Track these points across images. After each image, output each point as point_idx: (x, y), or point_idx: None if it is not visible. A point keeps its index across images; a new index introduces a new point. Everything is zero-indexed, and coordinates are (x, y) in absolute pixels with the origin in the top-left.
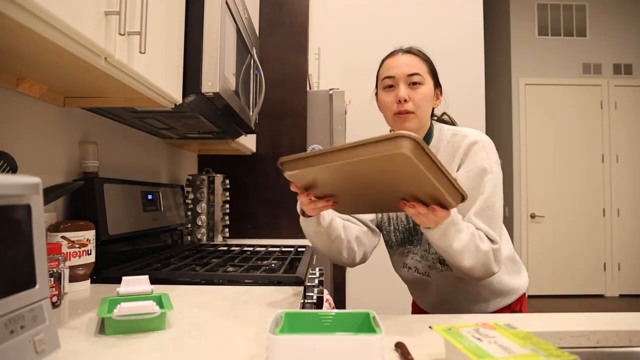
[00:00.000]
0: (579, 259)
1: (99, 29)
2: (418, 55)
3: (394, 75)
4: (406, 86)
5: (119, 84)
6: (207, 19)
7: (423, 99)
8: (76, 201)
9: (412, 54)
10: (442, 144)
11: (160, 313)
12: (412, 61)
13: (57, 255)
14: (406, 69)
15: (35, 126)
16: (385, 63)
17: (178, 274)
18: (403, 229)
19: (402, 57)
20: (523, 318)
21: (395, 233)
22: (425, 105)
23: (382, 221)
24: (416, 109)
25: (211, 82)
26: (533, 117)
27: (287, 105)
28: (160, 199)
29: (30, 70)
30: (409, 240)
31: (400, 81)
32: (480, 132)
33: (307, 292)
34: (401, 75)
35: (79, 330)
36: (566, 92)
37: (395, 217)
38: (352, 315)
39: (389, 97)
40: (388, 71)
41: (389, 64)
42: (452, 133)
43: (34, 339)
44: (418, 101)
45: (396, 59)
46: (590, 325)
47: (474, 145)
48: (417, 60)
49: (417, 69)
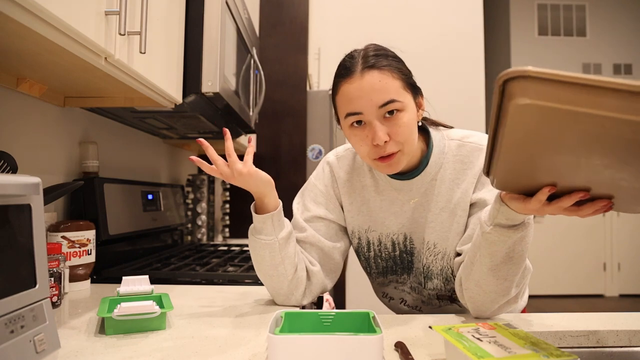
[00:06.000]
0: (578, 259)
1: (99, 29)
2: (386, 68)
3: (360, 111)
4: (381, 121)
5: (119, 84)
6: (207, 19)
7: (407, 131)
8: (76, 201)
9: (378, 69)
10: (448, 158)
11: (161, 313)
12: (380, 83)
13: (57, 255)
14: (376, 99)
15: (36, 126)
16: (343, 90)
17: (178, 274)
18: (386, 256)
19: (364, 78)
20: (523, 318)
21: (377, 260)
22: (411, 136)
23: (360, 246)
24: (402, 146)
25: (211, 82)
26: None
27: (287, 105)
28: (160, 199)
29: (30, 70)
30: (392, 270)
31: (371, 117)
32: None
33: None
34: (371, 109)
35: (79, 330)
36: None
37: (377, 243)
38: (352, 315)
39: (361, 138)
40: (350, 105)
41: (349, 92)
42: (458, 144)
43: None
44: (402, 136)
45: (357, 82)
46: (590, 325)
47: None
48: (387, 78)
49: (390, 94)
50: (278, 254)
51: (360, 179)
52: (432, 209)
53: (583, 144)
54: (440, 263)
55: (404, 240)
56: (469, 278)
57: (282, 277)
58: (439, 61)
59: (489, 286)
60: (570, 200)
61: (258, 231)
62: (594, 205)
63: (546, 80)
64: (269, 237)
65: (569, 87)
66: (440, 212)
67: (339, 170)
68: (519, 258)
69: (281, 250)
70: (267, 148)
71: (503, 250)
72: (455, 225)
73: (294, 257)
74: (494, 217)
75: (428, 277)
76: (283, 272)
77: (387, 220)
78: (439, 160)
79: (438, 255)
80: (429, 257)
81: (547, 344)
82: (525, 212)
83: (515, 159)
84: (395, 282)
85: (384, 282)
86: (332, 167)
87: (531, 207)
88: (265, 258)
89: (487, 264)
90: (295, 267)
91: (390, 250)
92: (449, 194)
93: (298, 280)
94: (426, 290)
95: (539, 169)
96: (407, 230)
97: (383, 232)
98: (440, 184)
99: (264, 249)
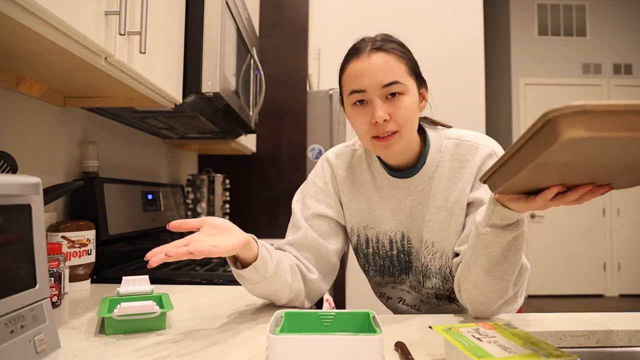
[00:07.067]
0: (578, 258)
1: (99, 29)
2: (393, 51)
3: (364, 89)
4: (383, 100)
5: (119, 84)
6: (207, 19)
7: (408, 113)
8: (76, 201)
9: (385, 51)
10: (445, 156)
11: (161, 313)
12: (386, 64)
13: (57, 255)
14: (380, 78)
15: (36, 126)
16: (350, 68)
17: (178, 274)
18: (384, 254)
19: (371, 58)
20: (523, 318)
21: (375, 257)
22: (411, 120)
23: (359, 243)
24: (400, 128)
25: (211, 82)
26: (533, 117)
27: (287, 105)
28: (160, 199)
29: (30, 70)
30: (389, 271)
31: (374, 95)
32: (486, 137)
33: None
34: (374, 88)
35: (79, 330)
36: (566, 92)
37: (375, 240)
38: (352, 315)
39: (361, 116)
40: (355, 82)
41: (355, 71)
42: (455, 142)
43: (34, 339)
44: (402, 117)
45: (364, 61)
46: (590, 325)
47: (490, 158)
48: (393, 60)
49: (394, 76)
50: (270, 286)
51: (359, 176)
52: (430, 207)
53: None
54: (439, 262)
55: (401, 239)
56: (466, 280)
57: (280, 297)
58: (439, 61)
59: (486, 287)
60: (576, 195)
61: (243, 277)
62: (596, 193)
63: (600, 113)
64: (256, 279)
65: (621, 115)
66: (438, 211)
67: (338, 168)
68: (514, 257)
69: (272, 283)
70: (267, 148)
71: (498, 250)
72: (453, 225)
73: (287, 280)
74: (488, 218)
75: (426, 275)
76: (279, 294)
77: (385, 218)
78: (436, 159)
79: (436, 254)
80: (427, 255)
81: (547, 344)
82: (527, 210)
83: (533, 178)
84: (392, 282)
85: (381, 283)
86: (331, 164)
87: (535, 206)
88: (258, 292)
89: (484, 265)
90: (290, 286)
91: (387, 249)
92: (447, 192)
93: (295, 293)
94: (425, 289)
95: (554, 180)
96: (405, 229)
97: (381, 230)
98: (438, 182)
99: (254, 287)
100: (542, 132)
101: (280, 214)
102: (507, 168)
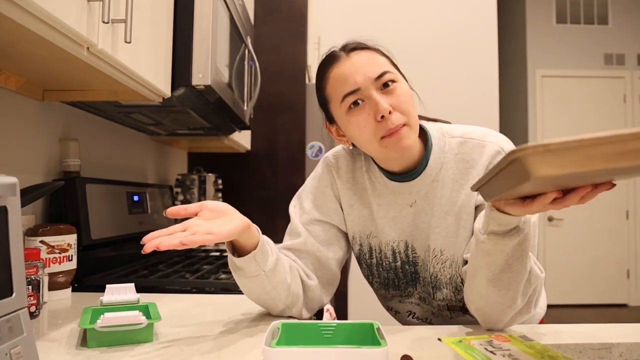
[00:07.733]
0: (600, 265)
1: (81, 17)
2: (370, 48)
3: (357, 87)
4: (379, 93)
5: (103, 76)
6: (198, 5)
7: (408, 100)
8: (56, 203)
9: (362, 49)
10: (449, 157)
11: (147, 324)
12: (369, 58)
13: (35, 261)
14: (369, 72)
15: (12, 122)
16: (332, 75)
17: (166, 282)
18: (387, 266)
19: (352, 58)
20: (539, 329)
21: (379, 269)
22: (412, 106)
23: (362, 253)
24: (407, 118)
25: (202, 74)
26: (550, 111)
27: (284, 98)
28: (147, 201)
29: (6, 61)
30: (393, 284)
31: (369, 91)
32: (494, 133)
33: None
34: (367, 83)
35: (59, 342)
36: (586, 85)
37: (378, 250)
38: (355, 326)
39: (362, 118)
40: (345, 84)
41: (341, 74)
42: (459, 141)
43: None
44: (404, 105)
45: (346, 63)
46: (612, 337)
47: (498, 156)
48: (374, 54)
49: (382, 67)
50: (268, 283)
51: (360, 181)
52: (436, 213)
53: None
54: (449, 271)
55: (405, 249)
56: (472, 290)
57: (276, 300)
58: (449, 52)
59: (491, 297)
60: (577, 197)
61: (240, 269)
62: (597, 191)
63: (567, 150)
64: (254, 272)
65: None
66: (445, 216)
67: (339, 171)
68: (520, 265)
69: (271, 280)
70: (262, 145)
71: (501, 259)
72: (462, 230)
73: (286, 279)
74: (486, 224)
75: (437, 287)
76: (276, 296)
77: (386, 227)
78: (440, 160)
79: (446, 262)
80: (436, 265)
81: (565, 357)
82: (525, 214)
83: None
84: (398, 296)
85: (387, 296)
86: (331, 167)
87: (533, 210)
88: (254, 289)
89: (486, 275)
90: (289, 288)
91: (390, 260)
92: (453, 195)
93: (293, 297)
94: (435, 302)
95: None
96: (408, 238)
97: (383, 240)
98: (443, 185)
99: (250, 282)
100: (511, 169)
101: (277, 216)
102: (493, 185)
